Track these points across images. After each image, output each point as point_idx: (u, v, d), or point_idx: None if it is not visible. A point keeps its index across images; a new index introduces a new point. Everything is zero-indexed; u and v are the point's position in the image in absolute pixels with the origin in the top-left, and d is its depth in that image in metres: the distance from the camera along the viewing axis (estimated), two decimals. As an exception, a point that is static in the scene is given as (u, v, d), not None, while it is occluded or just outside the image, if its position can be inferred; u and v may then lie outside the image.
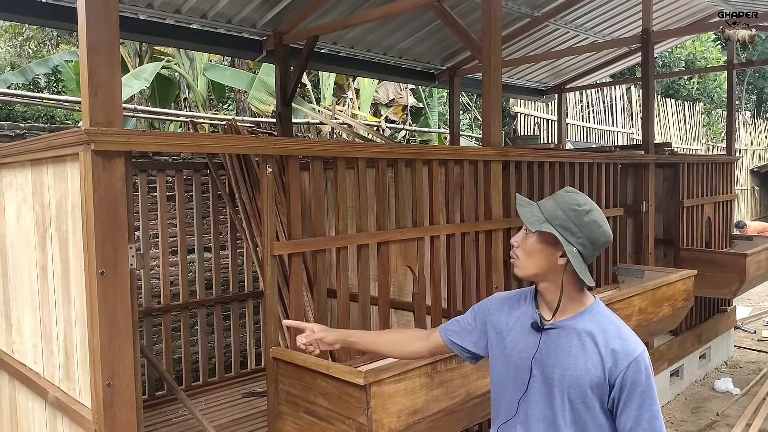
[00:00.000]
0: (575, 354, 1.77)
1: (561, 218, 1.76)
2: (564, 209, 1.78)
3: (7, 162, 2.82)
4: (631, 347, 1.74)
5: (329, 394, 2.34)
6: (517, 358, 1.87)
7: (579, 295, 1.83)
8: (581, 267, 1.75)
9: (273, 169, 2.56)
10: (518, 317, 1.91)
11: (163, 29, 4.81)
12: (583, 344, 1.77)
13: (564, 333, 1.80)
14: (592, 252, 1.78)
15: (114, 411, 2.11)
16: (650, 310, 4.06)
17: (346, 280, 2.89)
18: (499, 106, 3.68)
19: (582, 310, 1.82)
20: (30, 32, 12.51)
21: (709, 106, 16.91)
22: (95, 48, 2.01)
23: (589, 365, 1.74)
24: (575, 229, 1.75)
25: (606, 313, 1.83)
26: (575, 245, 1.75)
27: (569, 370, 1.76)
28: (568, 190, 1.86)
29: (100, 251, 2.05)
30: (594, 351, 1.75)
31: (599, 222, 1.78)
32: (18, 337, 2.95)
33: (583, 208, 1.78)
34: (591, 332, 1.77)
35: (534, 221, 1.78)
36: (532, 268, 1.82)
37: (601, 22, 6.86)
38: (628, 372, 1.71)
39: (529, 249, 1.82)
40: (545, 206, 1.82)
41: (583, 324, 1.79)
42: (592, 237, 1.76)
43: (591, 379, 1.73)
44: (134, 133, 2.08)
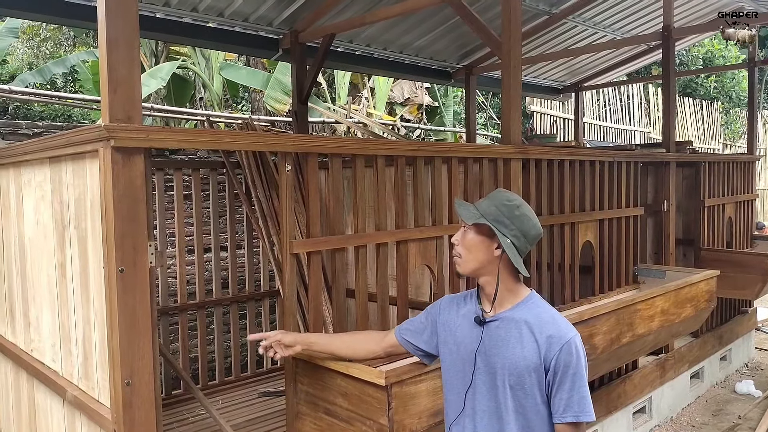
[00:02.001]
0: (514, 343, 1.87)
1: (494, 213, 1.92)
2: (497, 205, 1.93)
3: (26, 159, 2.82)
4: (563, 332, 1.85)
5: (349, 395, 2.31)
6: (464, 353, 1.97)
7: (516, 286, 1.95)
8: (516, 257, 1.89)
9: (291, 167, 2.53)
10: (464, 315, 2.03)
11: (179, 28, 4.80)
12: (520, 333, 1.87)
13: (503, 324, 1.91)
14: (525, 244, 1.92)
15: (133, 410, 2.09)
16: (673, 311, 3.99)
17: (365, 279, 2.85)
18: (518, 104, 3.63)
19: (519, 301, 1.94)
20: (47, 33, 12.61)
21: (728, 105, 16.69)
22: (114, 44, 1.99)
23: (526, 352, 1.85)
24: (508, 222, 1.90)
25: (540, 303, 1.95)
26: (509, 237, 1.89)
27: (509, 358, 1.87)
28: (501, 190, 2.04)
29: (119, 249, 2.03)
30: (530, 338, 1.85)
31: (529, 216, 1.93)
32: (36, 335, 2.94)
33: (513, 203, 1.93)
34: (528, 321, 1.88)
35: (470, 216, 1.94)
36: (472, 263, 1.95)
37: (620, 19, 6.77)
38: (561, 355, 1.81)
39: (468, 244, 1.95)
40: (480, 205, 1.98)
41: (520, 314, 1.90)
42: (523, 229, 1.91)
43: (528, 366, 1.84)
44: (154, 130, 2.06)
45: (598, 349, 3.34)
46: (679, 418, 5.52)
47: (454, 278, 3.32)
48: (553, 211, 3.97)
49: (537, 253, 3.87)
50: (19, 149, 2.86)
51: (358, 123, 8.01)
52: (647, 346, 4.05)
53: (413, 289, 4.13)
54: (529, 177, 3.75)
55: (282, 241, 2.54)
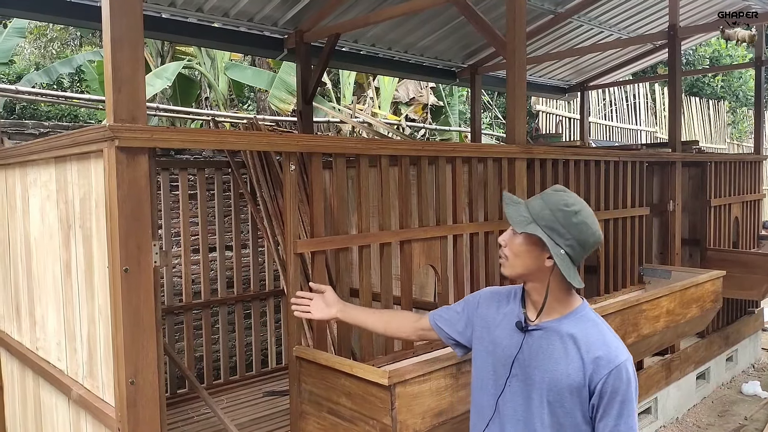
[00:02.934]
0: (556, 357, 1.73)
1: (548, 218, 1.70)
2: (552, 209, 1.71)
3: (32, 159, 2.83)
4: (613, 354, 1.69)
5: (353, 394, 2.31)
6: (501, 356, 1.85)
7: (566, 296, 1.78)
8: (568, 269, 1.70)
9: (295, 167, 2.53)
10: (505, 314, 1.89)
11: (184, 28, 4.82)
12: (565, 348, 1.73)
13: (547, 335, 1.77)
14: (580, 253, 1.73)
15: (137, 409, 2.09)
16: (678, 311, 3.97)
17: (369, 278, 2.85)
18: (523, 104, 3.62)
19: (567, 312, 1.78)
20: (54, 33, 12.66)
21: (734, 104, 16.61)
22: (119, 44, 1.99)
23: (569, 369, 1.71)
24: (563, 230, 1.70)
25: (591, 317, 1.79)
26: (563, 247, 1.69)
27: (549, 373, 1.73)
28: (557, 189, 1.80)
29: (123, 248, 2.03)
30: (576, 356, 1.71)
31: (588, 223, 1.72)
32: (42, 334, 2.96)
33: (571, 208, 1.71)
34: (574, 336, 1.73)
35: (520, 222, 1.73)
36: (519, 269, 1.79)
37: (626, 19, 6.74)
38: (609, 379, 1.66)
39: (516, 249, 1.78)
40: (533, 205, 1.76)
41: (566, 327, 1.75)
42: (580, 238, 1.71)
43: (570, 384, 1.70)
44: (158, 130, 2.07)
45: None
46: (685, 418, 5.50)
47: (459, 278, 3.32)
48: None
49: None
50: (24, 149, 2.87)
51: (363, 123, 8.01)
52: (653, 347, 4.03)
53: (417, 289, 4.13)
54: (534, 177, 3.75)
55: (286, 240, 2.55)
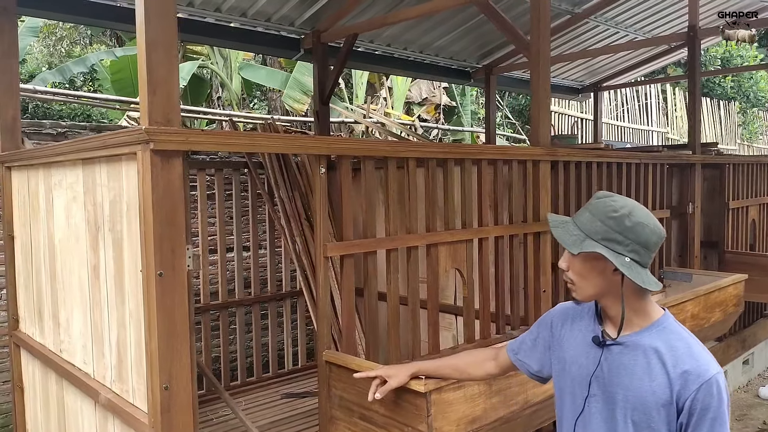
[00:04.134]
0: (640, 374, 1.63)
1: (601, 230, 1.61)
2: (602, 219, 1.62)
3: (57, 161, 2.81)
4: (703, 368, 1.57)
5: (386, 401, 2.27)
6: (577, 375, 1.76)
7: (644, 305, 1.67)
8: (639, 275, 1.59)
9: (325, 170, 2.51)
10: (580, 330, 1.79)
11: (202, 28, 4.79)
12: (649, 363, 1.62)
13: (628, 350, 1.66)
14: (647, 255, 1.61)
15: (171, 415, 2.07)
16: (702, 315, 3.93)
17: (396, 282, 2.83)
18: (547, 105, 3.59)
19: (648, 324, 1.66)
20: (63, 32, 12.67)
21: (745, 105, 16.51)
22: (154, 45, 1.97)
23: (654, 386, 1.60)
24: (621, 237, 1.59)
25: (676, 328, 1.67)
26: (626, 254, 1.59)
27: (633, 390, 1.63)
28: (601, 196, 1.69)
29: (158, 252, 2.01)
30: (661, 371, 1.60)
31: (644, 222, 1.60)
32: (66, 336, 2.94)
33: (621, 212, 1.61)
34: (658, 350, 1.62)
35: (573, 242, 1.63)
36: (590, 290, 1.68)
37: (643, 19, 6.70)
38: (698, 395, 1.56)
39: (579, 270, 1.68)
40: (581, 220, 1.67)
41: (649, 340, 1.64)
42: (641, 240, 1.60)
43: (657, 402, 1.60)
44: (193, 132, 2.04)
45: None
46: (703, 422, 5.45)
47: (484, 282, 3.29)
48: (581, 214, 3.92)
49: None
50: (49, 150, 2.86)
51: (377, 123, 7.98)
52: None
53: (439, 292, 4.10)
54: (558, 178, 3.71)
55: (316, 244, 2.52)
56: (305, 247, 4.54)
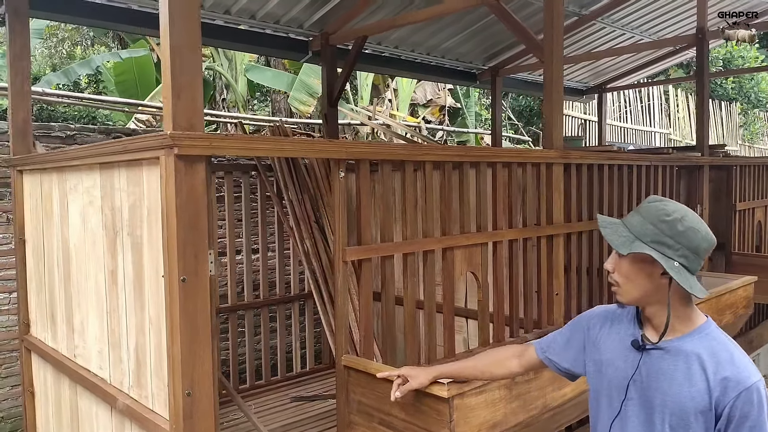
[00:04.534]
0: (680, 379, 1.62)
1: (652, 233, 1.62)
2: (654, 222, 1.63)
3: (73, 165, 2.80)
4: (743, 375, 1.57)
5: (407, 406, 2.27)
6: (613, 378, 1.75)
7: (687, 312, 1.67)
8: (687, 280, 1.59)
9: (344, 173, 2.50)
10: (618, 333, 1.78)
11: (211, 30, 4.78)
12: (689, 368, 1.62)
13: (668, 355, 1.65)
14: (696, 261, 1.62)
15: (193, 421, 2.06)
16: (713, 318, 3.90)
17: (413, 286, 2.82)
18: (561, 107, 3.58)
19: (691, 330, 1.66)
20: (65, 33, 12.65)
21: (746, 106, 16.54)
22: (178, 49, 1.96)
23: (694, 392, 1.60)
24: (671, 242, 1.60)
25: (718, 335, 1.67)
26: (676, 259, 1.60)
27: (671, 396, 1.63)
28: (653, 200, 1.71)
29: (181, 257, 2.00)
30: (701, 377, 1.60)
31: (696, 227, 1.61)
32: (81, 341, 2.92)
33: (674, 216, 1.62)
34: (700, 356, 1.61)
35: (623, 243, 1.64)
36: (635, 292, 1.68)
37: (648, 21, 6.70)
38: (737, 403, 1.56)
39: (626, 272, 1.68)
40: (631, 223, 1.68)
41: (691, 346, 1.63)
42: (692, 245, 1.60)
43: (696, 408, 1.59)
44: (216, 137, 2.03)
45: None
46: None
47: (498, 285, 3.28)
48: (593, 216, 3.92)
49: (577, 258, 3.82)
50: (65, 154, 2.85)
51: (382, 124, 7.97)
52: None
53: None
54: (570, 182, 3.71)
55: (335, 248, 2.51)
56: (315, 250, 4.53)
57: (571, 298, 3.78)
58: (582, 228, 3.79)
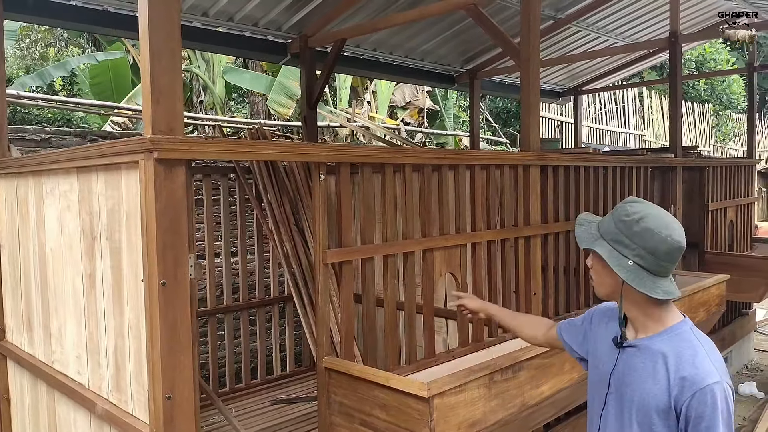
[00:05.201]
0: (645, 377, 1.69)
1: (613, 232, 1.70)
2: (615, 222, 1.71)
3: (50, 169, 2.77)
4: (699, 376, 1.60)
5: (388, 406, 2.29)
6: (602, 371, 1.84)
7: (656, 311, 1.71)
8: (640, 280, 1.64)
9: (325, 177, 2.51)
10: (608, 330, 1.86)
11: (188, 32, 4.75)
12: (654, 366, 1.67)
13: (639, 353, 1.72)
14: (654, 262, 1.65)
15: (174, 425, 2.06)
16: (687, 315, 4.00)
17: (393, 287, 2.84)
18: (537, 110, 3.63)
19: (662, 329, 1.70)
20: (38, 34, 12.46)
21: (718, 107, 16.87)
22: (157, 54, 1.96)
23: (656, 390, 1.65)
24: (627, 241, 1.67)
25: (687, 336, 1.70)
26: (631, 258, 1.66)
27: (639, 392, 1.69)
28: (627, 200, 1.77)
29: (161, 262, 2.00)
30: (664, 375, 1.64)
31: (654, 229, 1.64)
32: (58, 347, 2.90)
33: (632, 217, 1.67)
34: (665, 355, 1.66)
35: (586, 239, 1.75)
36: (604, 288, 1.79)
37: (623, 25, 6.81)
38: (692, 403, 1.59)
39: (595, 269, 1.79)
40: (602, 222, 1.77)
41: (659, 345, 1.68)
42: (648, 246, 1.64)
43: (657, 405, 1.64)
44: (196, 141, 2.04)
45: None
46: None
47: (477, 286, 3.32)
48: (569, 217, 3.98)
49: (554, 258, 3.88)
50: (42, 158, 2.82)
51: (361, 127, 7.99)
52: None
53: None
54: (546, 183, 3.76)
55: (315, 251, 2.52)
56: (294, 252, 4.53)
57: (549, 298, 3.84)
58: (559, 228, 3.84)
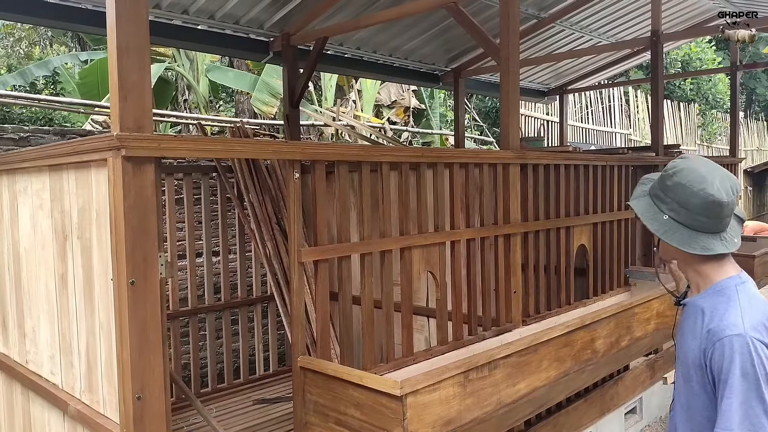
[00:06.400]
0: (688, 333, 1.69)
1: (655, 187, 1.72)
2: (659, 177, 1.73)
3: (23, 167, 2.74)
4: (721, 327, 1.55)
5: (362, 405, 2.28)
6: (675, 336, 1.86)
7: (707, 268, 1.68)
8: (671, 234, 1.63)
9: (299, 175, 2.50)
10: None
11: (169, 30, 4.72)
12: (695, 323, 1.66)
13: (687, 311, 1.74)
14: (689, 216, 1.62)
15: (144, 425, 2.04)
16: (668, 313, 4.03)
17: (371, 286, 2.83)
18: (517, 109, 3.64)
19: (708, 286, 1.68)
20: (22, 32, 12.34)
21: (704, 107, 16.98)
22: (125, 50, 1.94)
23: (693, 345, 1.64)
24: (662, 195, 1.68)
25: (729, 291, 1.64)
26: (666, 212, 1.66)
27: (684, 349, 1.71)
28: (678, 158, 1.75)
29: (130, 260, 1.98)
30: (699, 331, 1.63)
31: (684, 183, 1.63)
32: (33, 347, 2.87)
33: (668, 171, 1.68)
34: (703, 310, 1.65)
35: (634, 195, 1.78)
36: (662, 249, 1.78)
37: (607, 24, 6.83)
38: (714, 355, 1.55)
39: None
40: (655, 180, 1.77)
41: (701, 301, 1.68)
42: (680, 200, 1.64)
43: (694, 361, 1.63)
44: (165, 138, 2.02)
45: (599, 353, 3.36)
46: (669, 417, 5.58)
47: (456, 284, 3.31)
48: (550, 215, 3.99)
49: (534, 256, 3.88)
50: (15, 156, 2.79)
51: (347, 125, 7.97)
52: (643, 349, 4.08)
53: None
54: (527, 182, 3.77)
55: (290, 250, 2.51)
56: (276, 251, 4.52)
57: (529, 296, 3.84)
58: (539, 227, 3.85)
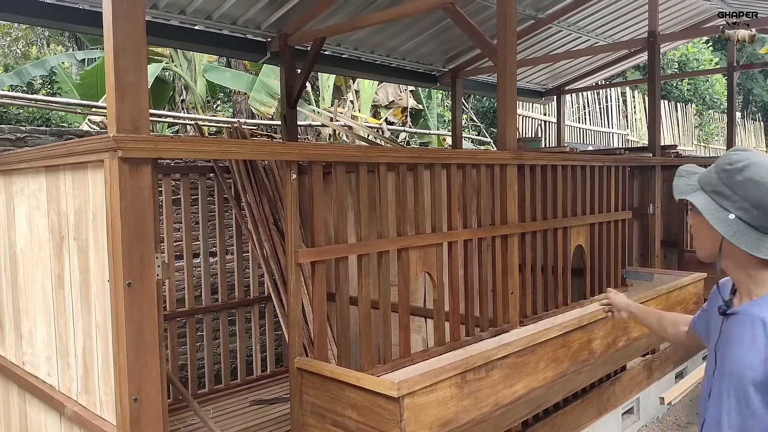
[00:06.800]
0: (743, 345, 1.51)
1: (714, 182, 1.51)
2: (718, 171, 1.52)
3: (20, 168, 2.74)
4: None
5: (359, 406, 2.28)
6: (711, 346, 1.68)
7: (764, 273, 1.52)
8: (740, 236, 1.46)
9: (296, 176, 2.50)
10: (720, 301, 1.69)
11: (166, 30, 4.72)
12: (754, 335, 1.49)
13: (739, 320, 1.55)
14: (761, 217, 1.47)
15: (141, 426, 2.04)
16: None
17: (368, 287, 2.83)
18: (514, 110, 3.64)
19: (765, 293, 1.52)
20: (19, 32, 12.32)
21: (701, 107, 17.02)
22: (122, 50, 1.93)
23: (753, 359, 1.47)
24: (728, 192, 1.49)
25: None
26: (732, 211, 1.48)
27: (735, 362, 1.52)
28: (732, 149, 1.58)
29: (126, 262, 1.97)
30: (763, 343, 1.46)
31: (757, 179, 1.46)
32: (29, 348, 2.86)
33: (735, 165, 1.49)
34: (764, 321, 1.48)
35: (683, 190, 1.58)
36: (703, 248, 1.60)
37: (604, 24, 6.85)
38: None
39: (693, 226, 1.61)
40: (704, 172, 1.59)
41: (759, 310, 1.50)
42: (752, 198, 1.46)
43: (755, 378, 1.46)
44: (162, 140, 2.01)
45: (596, 354, 3.37)
46: (666, 417, 5.59)
47: (454, 285, 3.31)
48: (547, 216, 3.99)
49: (532, 257, 3.88)
50: (12, 157, 2.78)
51: (344, 126, 7.97)
52: (640, 349, 4.09)
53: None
54: (524, 182, 3.77)
55: (287, 251, 2.51)
56: (273, 252, 4.52)
57: (526, 297, 3.84)
58: (536, 227, 3.85)
